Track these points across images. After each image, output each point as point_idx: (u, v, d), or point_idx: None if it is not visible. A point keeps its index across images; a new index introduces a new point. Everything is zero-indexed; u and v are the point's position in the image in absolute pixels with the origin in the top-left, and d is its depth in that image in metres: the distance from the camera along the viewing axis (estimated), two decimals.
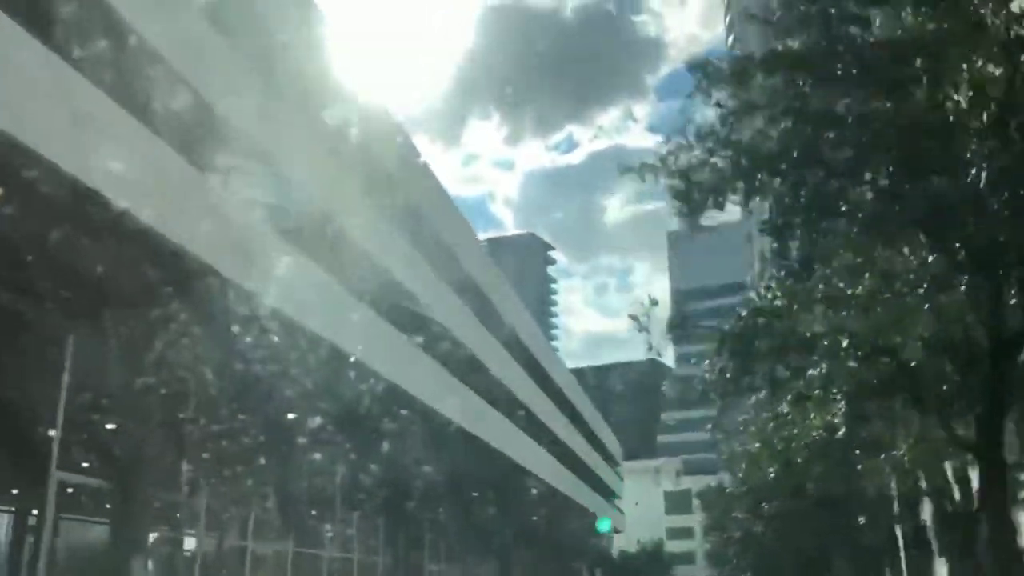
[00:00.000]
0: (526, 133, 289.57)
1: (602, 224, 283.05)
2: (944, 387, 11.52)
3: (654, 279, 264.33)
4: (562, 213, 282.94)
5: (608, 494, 77.04)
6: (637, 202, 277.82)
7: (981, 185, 9.26)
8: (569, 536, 62.05)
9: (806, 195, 10.29)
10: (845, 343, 11.36)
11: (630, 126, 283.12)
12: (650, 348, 14.25)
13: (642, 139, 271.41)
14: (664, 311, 14.41)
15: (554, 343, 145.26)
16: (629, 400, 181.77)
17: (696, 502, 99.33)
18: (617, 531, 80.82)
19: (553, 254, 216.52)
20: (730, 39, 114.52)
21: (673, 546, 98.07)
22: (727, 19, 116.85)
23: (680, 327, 14.60)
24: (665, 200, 11.72)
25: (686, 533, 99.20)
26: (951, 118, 9.44)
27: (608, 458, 78.58)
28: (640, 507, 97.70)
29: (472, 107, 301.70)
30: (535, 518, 49.50)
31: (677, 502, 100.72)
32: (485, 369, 39.21)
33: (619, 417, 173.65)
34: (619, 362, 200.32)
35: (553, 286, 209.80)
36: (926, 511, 21.75)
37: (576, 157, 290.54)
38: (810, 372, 12.74)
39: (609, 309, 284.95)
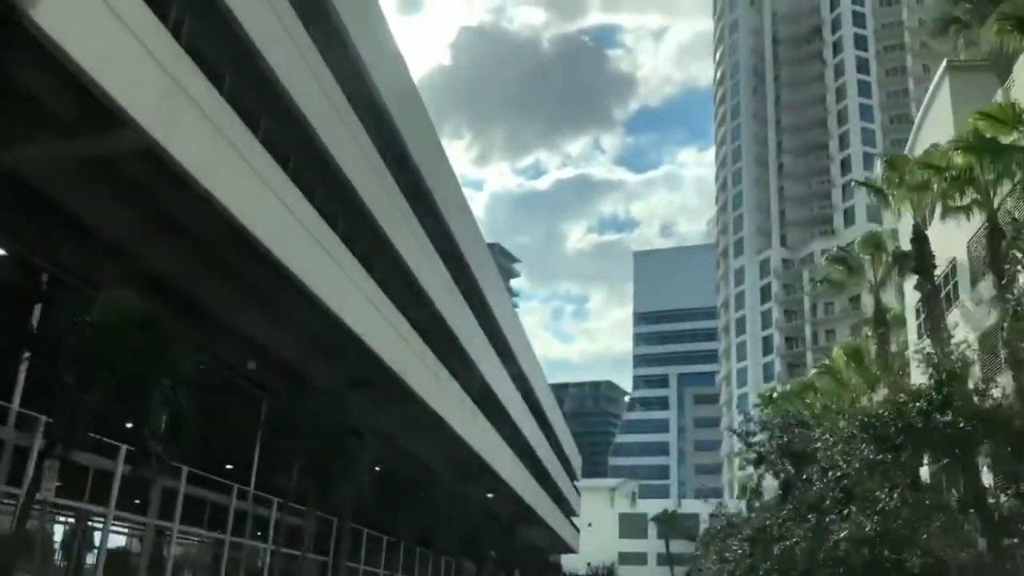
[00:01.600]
0: (495, 155, 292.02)
1: (564, 251, 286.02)
2: None
3: (610, 308, 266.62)
4: (526, 237, 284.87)
5: (567, 510, 72.21)
6: (599, 232, 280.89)
7: None
8: (526, 550, 57.32)
9: None
10: None
11: (598, 156, 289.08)
12: None
13: (608, 171, 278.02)
14: None
15: None
16: (582, 420, 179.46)
17: (652, 527, 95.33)
18: (573, 551, 76.00)
19: (517, 267, 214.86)
20: (719, 91, 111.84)
21: (625, 572, 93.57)
22: (717, 62, 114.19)
23: None
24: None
25: (639, 559, 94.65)
26: None
27: (569, 472, 73.86)
28: (593, 528, 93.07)
29: (443, 125, 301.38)
30: (495, 526, 44.77)
31: (632, 525, 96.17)
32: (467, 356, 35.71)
33: (574, 429, 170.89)
34: (574, 382, 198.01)
35: (515, 299, 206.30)
36: None
37: (543, 183, 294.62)
38: None
39: (564, 335, 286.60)
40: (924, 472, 15.53)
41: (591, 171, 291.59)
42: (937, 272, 26.66)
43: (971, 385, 13.70)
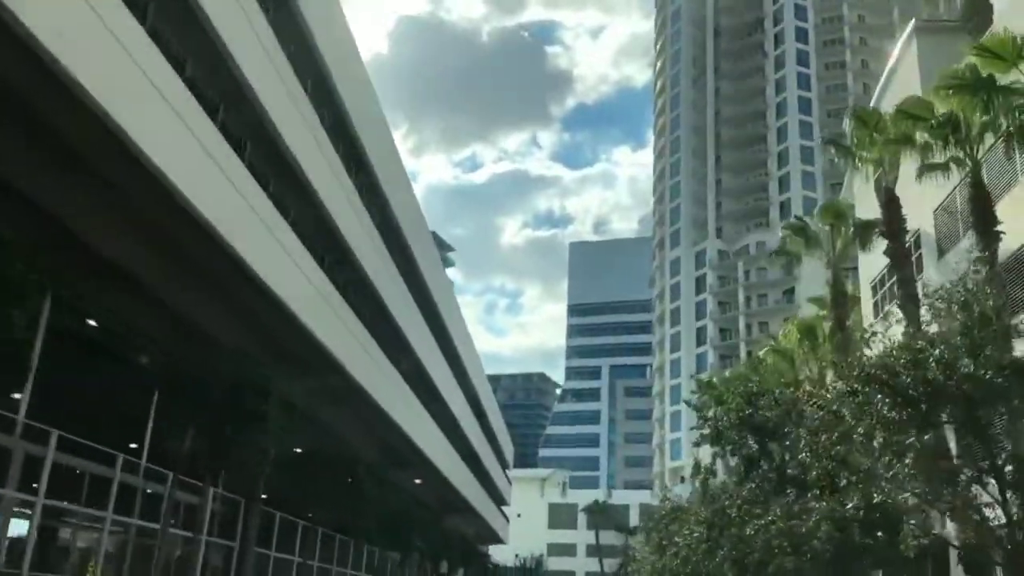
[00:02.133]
0: (431, 146, 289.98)
1: (498, 245, 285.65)
2: None
3: (544, 303, 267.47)
4: (461, 230, 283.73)
5: (498, 499, 70.14)
6: (534, 227, 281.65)
7: None
8: (455, 540, 55.12)
9: None
10: None
11: (534, 152, 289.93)
12: None
13: (545, 167, 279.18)
14: None
15: None
16: (514, 412, 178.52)
17: (582, 518, 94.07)
18: (502, 542, 73.97)
19: (452, 256, 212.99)
20: (659, 81, 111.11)
21: (554, 563, 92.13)
22: (658, 51, 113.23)
23: None
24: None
25: (568, 550, 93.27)
26: None
27: (501, 461, 71.83)
28: (523, 519, 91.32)
29: None
30: (423, 514, 42.53)
31: (561, 516, 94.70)
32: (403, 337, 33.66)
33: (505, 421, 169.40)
34: (507, 374, 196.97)
35: None
36: None
37: (479, 176, 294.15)
38: None
39: (497, 328, 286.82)
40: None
41: (527, 166, 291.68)
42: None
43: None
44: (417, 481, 42.73)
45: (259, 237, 17.79)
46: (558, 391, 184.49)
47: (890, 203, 20.50)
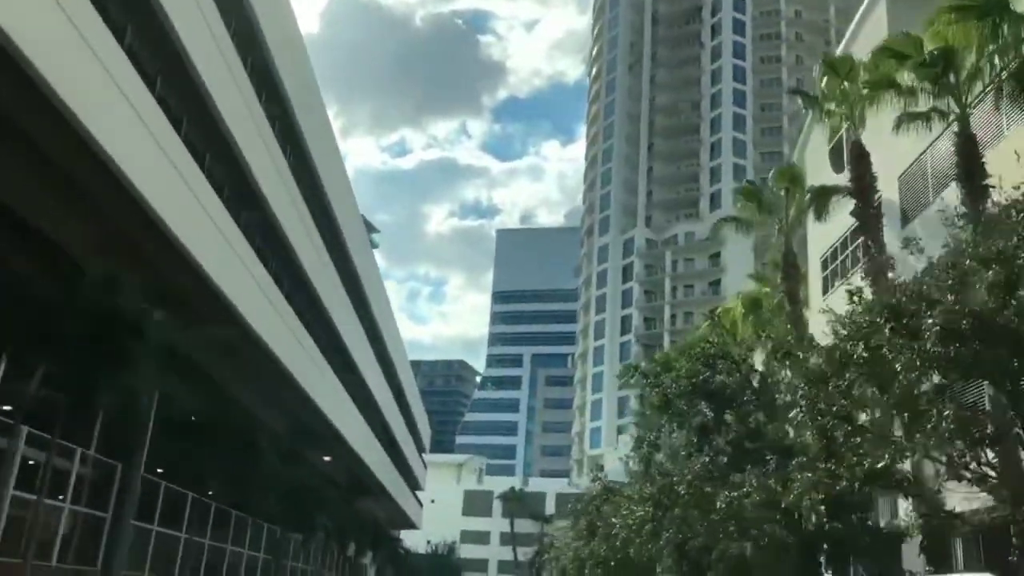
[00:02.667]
0: (360, 129, 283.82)
1: (423, 233, 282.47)
2: None
3: (468, 293, 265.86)
4: (386, 215, 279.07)
5: (413, 483, 67.54)
6: (461, 216, 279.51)
7: None
8: (365, 522, 52.36)
9: None
10: None
11: (464, 141, 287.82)
12: None
13: (474, 156, 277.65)
14: None
15: None
16: (433, 399, 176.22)
17: (497, 505, 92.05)
18: (415, 527, 71.41)
19: (376, 237, 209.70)
20: (595, 67, 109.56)
21: (467, 551, 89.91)
22: (595, 36, 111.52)
23: None
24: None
25: (482, 537, 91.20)
26: None
27: (418, 443, 69.29)
28: (437, 505, 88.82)
29: None
30: (331, 493, 39.65)
31: (476, 503, 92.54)
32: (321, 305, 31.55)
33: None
34: (427, 360, 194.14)
35: None
36: None
37: (407, 162, 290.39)
38: None
39: (419, 316, 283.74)
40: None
41: (456, 155, 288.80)
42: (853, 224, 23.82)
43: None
44: (326, 458, 39.86)
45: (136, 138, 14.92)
46: (478, 379, 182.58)
47: (860, 159, 18.73)
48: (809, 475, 11.40)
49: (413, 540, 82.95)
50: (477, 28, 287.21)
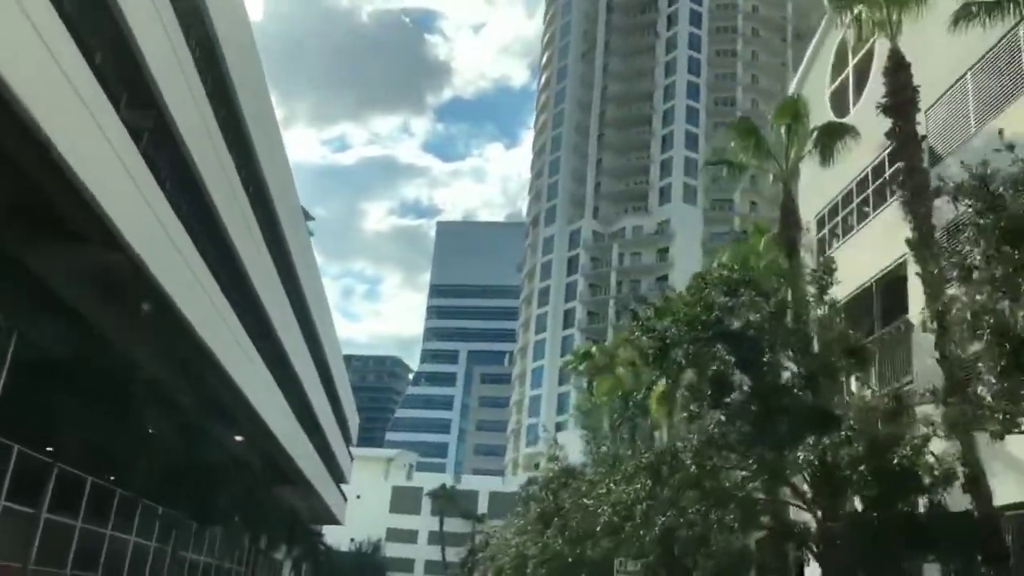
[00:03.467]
0: (300, 122, 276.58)
1: (361, 230, 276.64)
2: None
3: (404, 293, 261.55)
4: (324, 210, 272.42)
5: (338, 475, 62.88)
6: (400, 215, 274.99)
7: None
8: (281, 515, 47.75)
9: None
10: None
11: (406, 139, 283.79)
12: None
13: (416, 155, 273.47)
14: None
15: None
16: (364, 395, 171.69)
17: (426, 503, 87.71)
18: (338, 523, 66.67)
19: (312, 225, 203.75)
20: (546, 53, 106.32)
21: (393, 549, 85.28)
22: (547, 22, 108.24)
23: None
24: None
25: (409, 536, 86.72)
26: None
27: (345, 433, 64.65)
28: (363, 501, 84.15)
29: None
30: (242, 480, 35.17)
31: (405, 500, 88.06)
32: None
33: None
34: (358, 354, 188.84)
35: None
36: None
37: (348, 158, 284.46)
38: None
39: (352, 314, 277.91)
40: None
41: (397, 152, 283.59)
42: (864, 169, 20.57)
43: None
44: (238, 438, 35.26)
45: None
46: (411, 376, 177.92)
47: (898, 69, 15.33)
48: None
49: (336, 537, 78.04)
50: (424, 27, 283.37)
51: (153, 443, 22.78)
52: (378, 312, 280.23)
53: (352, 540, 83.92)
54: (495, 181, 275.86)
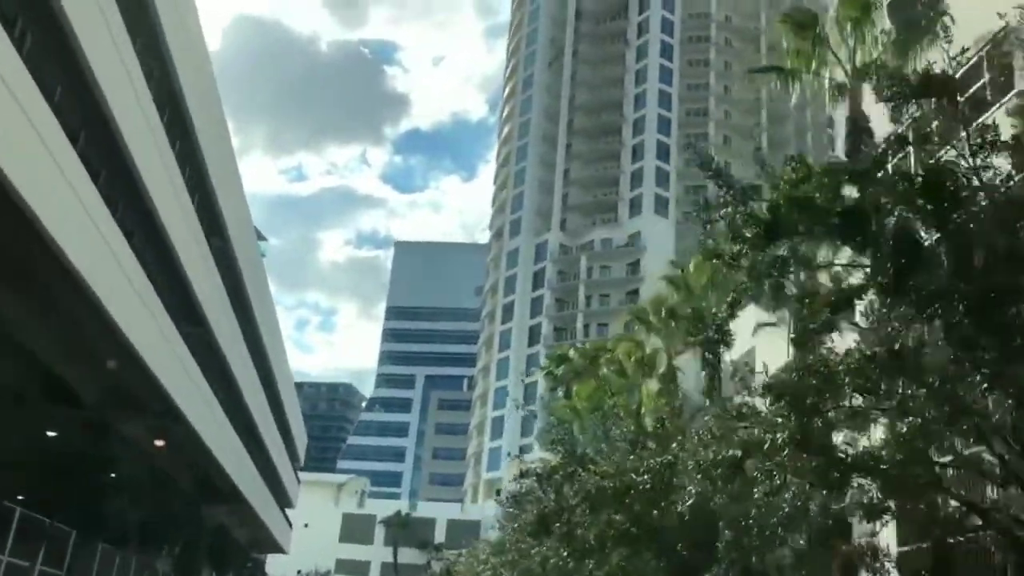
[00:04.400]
0: (257, 150, 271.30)
1: (316, 260, 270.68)
2: None
3: (359, 324, 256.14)
4: (278, 240, 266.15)
5: (283, 500, 56.98)
6: (357, 246, 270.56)
7: None
8: (220, 542, 42.05)
9: None
10: None
11: (364, 170, 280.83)
12: None
13: (374, 186, 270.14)
14: None
15: None
16: (315, 423, 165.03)
17: (380, 531, 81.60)
18: (282, 551, 60.55)
19: (263, 246, 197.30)
20: (511, 61, 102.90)
21: None
22: (514, 28, 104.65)
23: None
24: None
25: (360, 568, 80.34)
26: None
27: (292, 453, 58.88)
28: (311, 529, 77.76)
29: None
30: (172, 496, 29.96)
31: (356, 529, 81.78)
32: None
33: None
34: (311, 381, 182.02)
35: None
36: None
37: (305, 188, 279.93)
38: None
39: (306, 345, 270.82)
40: None
41: (355, 183, 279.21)
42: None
43: None
44: (159, 443, 29.68)
45: None
46: (363, 404, 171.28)
47: None
48: None
49: (281, 567, 71.73)
50: (383, 58, 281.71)
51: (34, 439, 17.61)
52: (332, 343, 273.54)
53: (299, 572, 77.53)
54: (452, 213, 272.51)
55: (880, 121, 16.92)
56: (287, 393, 55.80)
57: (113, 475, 27.76)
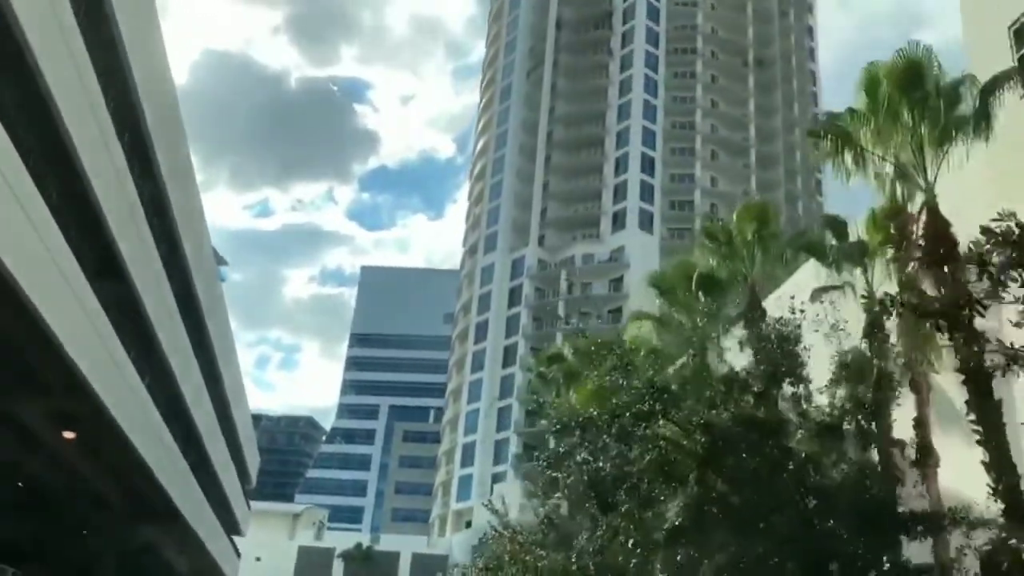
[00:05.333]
0: (221, 184, 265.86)
1: (280, 297, 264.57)
2: None
3: (322, 363, 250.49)
4: (240, 275, 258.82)
5: (230, 524, 50.74)
6: (321, 283, 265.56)
7: None
8: (149, 564, 36.00)
9: None
10: None
11: (330, 207, 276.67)
12: None
13: (340, 223, 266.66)
14: None
15: None
16: (273, 458, 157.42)
17: (338, 567, 74.92)
18: None
19: (225, 270, 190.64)
20: (488, 72, 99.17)
21: None
22: (491, 38, 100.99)
23: None
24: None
25: None
26: None
27: (242, 472, 52.79)
28: (264, 564, 71.02)
29: None
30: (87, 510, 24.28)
31: (313, 563, 75.02)
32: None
33: (260, 466, 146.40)
34: (268, 414, 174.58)
35: None
36: None
37: (270, 224, 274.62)
38: None
39: (266, 383, 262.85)
40: None
41: (322, 221, 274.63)
42: None
43: None
44: (68, 435, 23.87)
45: None
46: (324, 439, 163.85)
47: None
48: None
49: None
50: (352, 96, 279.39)
51: None
52: (294, 382, 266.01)
53: None
54: (419, 252, 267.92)
55: None
56: (238, 404, 49.93)
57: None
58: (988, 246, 8.60)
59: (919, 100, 15.38)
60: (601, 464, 14.59)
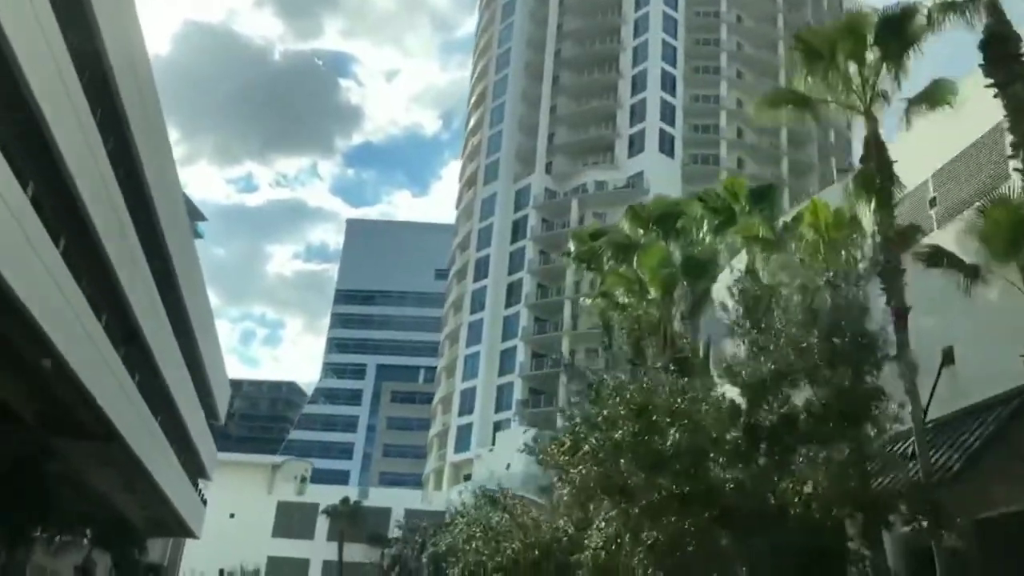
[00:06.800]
0: (203, 159, 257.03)
1: (264, 272, 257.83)
2: None
3: (306, 339, 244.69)
4: (224, 250, 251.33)
5: (194, 467, 42.85)
6: (305, 259, 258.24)
7: None
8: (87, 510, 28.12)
9: None
10: None
11: (314, 183, 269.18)
12: None
13: (324, 199, 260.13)
14: None
15: None
16: (254, 424, 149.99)
17: (322, 523, 67.27)
18: (192, 535, 46.12)
19: (202, 226, 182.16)
20: (486, 15, 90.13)
21: None
22: (486, 16, 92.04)
23: None
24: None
25: (297, 567, 65.73)
26: None
27: (208, 406, 44.75)
28: (238, 520, 63.30)
29: None
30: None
31: (294, 520, 67.22)
32: None
33: (240, 433, 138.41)
34: (250, 379, 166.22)
35: None
36: None
37: (254, 199, 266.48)
38: None
39: (250, 359, 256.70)
40: None
41: (306, 196, 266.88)
42: None
43: None
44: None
45: None
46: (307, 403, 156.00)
47: None
48: None
49: (200, 562, 57.21)
50: (337, 70, 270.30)
51: None
52: (277, 358, 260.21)
53: (222, 572, 62.98)
54: None
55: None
56: (205, 331, 41.91)
57: None
58: None
59: None
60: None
